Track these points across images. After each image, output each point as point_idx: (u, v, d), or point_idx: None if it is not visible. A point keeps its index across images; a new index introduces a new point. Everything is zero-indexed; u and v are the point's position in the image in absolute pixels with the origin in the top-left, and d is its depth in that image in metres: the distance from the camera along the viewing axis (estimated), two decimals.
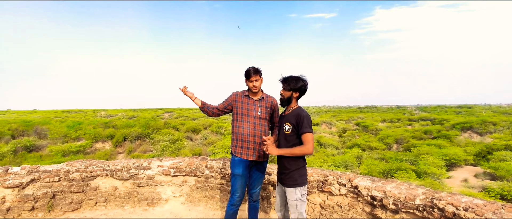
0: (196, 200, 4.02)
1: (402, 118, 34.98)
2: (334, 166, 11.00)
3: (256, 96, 2.78)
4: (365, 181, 2.83)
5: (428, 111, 51.45)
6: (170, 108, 65.17)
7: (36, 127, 20.12)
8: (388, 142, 18.77)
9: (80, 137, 19.41)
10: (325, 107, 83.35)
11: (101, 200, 3.84)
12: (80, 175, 3.77)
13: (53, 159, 14.64)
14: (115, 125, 22.49)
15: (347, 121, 33.25)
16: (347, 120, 34.37)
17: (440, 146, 15.25)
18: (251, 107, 2.74)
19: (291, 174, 2.33)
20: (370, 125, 26.84)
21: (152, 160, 4.15)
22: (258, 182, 2.87)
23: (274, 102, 2.84)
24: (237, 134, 2.75)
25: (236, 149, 2.74)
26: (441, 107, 68.11)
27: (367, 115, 41.07)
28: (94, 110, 60.84)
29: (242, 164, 2.72)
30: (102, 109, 61.23)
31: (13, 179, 3.41)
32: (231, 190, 2.76)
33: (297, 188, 2.32)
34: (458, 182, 10.71)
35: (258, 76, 2.66)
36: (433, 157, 11.87)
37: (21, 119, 27.49)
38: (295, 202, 2.32)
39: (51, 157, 15.25)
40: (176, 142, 17.35)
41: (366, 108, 71.65)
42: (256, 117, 2.72)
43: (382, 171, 10.29)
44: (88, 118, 32.29)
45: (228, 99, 2.82)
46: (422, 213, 2.30)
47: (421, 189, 2.50)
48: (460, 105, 74.99)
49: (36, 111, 57.76)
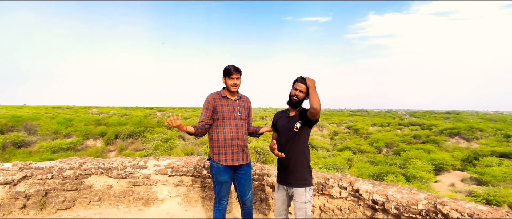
0: (192, 200, 3.95)
1: (392, 122, 35.63)
2: (325, 168, 11.07)
3: (234, 96, 2.64)
4: (367, 185, 2.81)
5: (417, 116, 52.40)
6: (163, 107, 64.63)
7: (26, 122, 19.67)
8: (378, 145, 19.06)
9: (71, 133, 19.06)
10: None
11: (95, 198, 3.75)
12: (74, 172, 3.67)
13: (42, 155, 14.32)
14: (107, 123, 22.17)
15: (339, 124, 33.67)
16: (338, 123, 34.82)
17: (429, 150, 15.57)
18: (231, 108, 2.57)
19: (301, 172, 2.28)
20: (361, 129, 27.25)
21: (149, 159, 4.07)
22: (248, 187, 2.70)
23: (249, 102, 2.77)
24: (218, 140, 2.53)
25: (220, 157, 2.52)
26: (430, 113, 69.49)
27: (358, 118, 41.56)
28: (86, 107, 59.93)
29: (227, 170, 2.55)
30: (94, 106, 60.33)
31: (4, 175, 3.30)
32: (217, 197, 2.60)
33: (307, 188, 2.26)
34: (445, 186, 10.90)
35: (239, 74, 2.53)
36: (421, 161, 12.07)
37: (10, 114, 26.91)
38: (305, 204, 2.23)
39: (41, 153, 14.92)
40: (168, 141, 17.19)
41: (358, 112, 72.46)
42: (237, 118, 2.58)
43: (372, 174, 10.40)
44: (79, 115, 31.76)
45: (209, 106, 2.55)
46: (425, 218, 2.29)
47: (423, 194, 2.49)
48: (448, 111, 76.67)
49: (26, 106, 56.63)
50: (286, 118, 2.44)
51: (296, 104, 2.34)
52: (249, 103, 2.77)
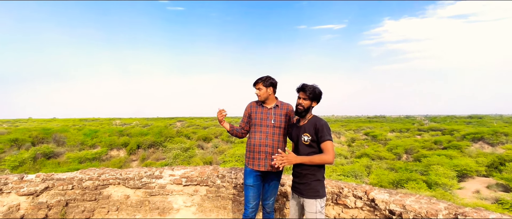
0: (207, 210, 3.95)
1: (411, 128, 34.48)
2: (343, 176, 10.80)
3: (270, 104, 2.74)
4: (383, 194, 2.69)
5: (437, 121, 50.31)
6: (182, 117, 65.99)
7: (55, 134, 20.73)
8: (398, 151, 18.41)
9: (96, 144, 19.85)
10: (334, 117, 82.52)
11: (113, 208, 3.84)
12: (93, 183, 3.79)
13: (70, 165, 14.98)
14: (129, 133, 22.90)
15: (356, 131, 32.96)
16: (356, 129, 34.09)
17: (451, 156, 14.89)
18: (264, 116, 2.70)
19: (312, 185, 2.24)
20: (379, 135, 26.55)
21: (164, 169, 4.13)
22: (271, 193, 2.79)
23: (290, 109, 2.77)
24: (249, 145, 2.73)
25: (248, 161, 2.71)
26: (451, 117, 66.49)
27: (376, 124, 40.49)
28: (110, 118, 62.37)
29: (253, 174, 2.68)
30: (117, 118, 62.65)
31: (28, 186, 3.46)
32: (244, 201, 2.72)
33: (318, 200, 2.22)
34: (470, 193, 10.32)
35: (260, 84, 2.66)
36: (443, 168, 11.53)
37: (41, 126, 28.45)
38: (315, 214, 2.21)
39: (69, 164, 15.62)
40: (187, 150, 17.45)
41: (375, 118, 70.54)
42: (269, 125, 2.66)
43: (392, 181, 10.01)
44: (104, 126, 33.06)
45: (245, 113, 2.83)
46: None
47: (443, 204, 2.34)
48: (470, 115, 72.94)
49: (56, 119, 59.77)
50: (297, 127, 2.43)
51: (302, 113, 2.31)
52: (289, 110, 2.76)
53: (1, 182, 3.37)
